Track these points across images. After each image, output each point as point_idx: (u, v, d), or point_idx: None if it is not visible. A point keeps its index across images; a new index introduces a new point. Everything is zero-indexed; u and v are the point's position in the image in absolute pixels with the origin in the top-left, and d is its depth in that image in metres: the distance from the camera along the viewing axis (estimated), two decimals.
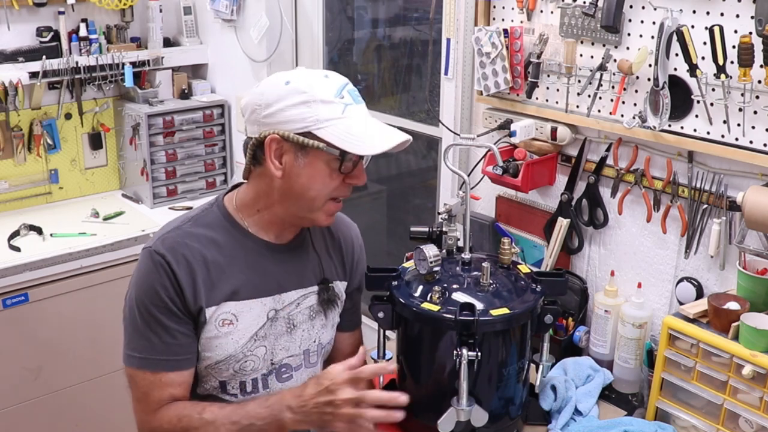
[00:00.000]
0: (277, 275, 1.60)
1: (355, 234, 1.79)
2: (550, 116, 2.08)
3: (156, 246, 1.51)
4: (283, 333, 1.62)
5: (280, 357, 1.63)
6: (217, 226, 1.57)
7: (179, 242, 1.52)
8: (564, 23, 1.99)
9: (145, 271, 1.52)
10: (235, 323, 1.55)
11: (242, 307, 1.56)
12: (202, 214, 1.60)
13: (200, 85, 3.38)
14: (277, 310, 1.61)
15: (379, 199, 3.41)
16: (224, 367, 1.57)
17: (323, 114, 1.46)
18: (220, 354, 1.55)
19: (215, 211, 1.60)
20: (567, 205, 2.10)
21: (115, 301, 2.82)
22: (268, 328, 1.60)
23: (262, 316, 1.59)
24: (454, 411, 1.52)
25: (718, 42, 1.65)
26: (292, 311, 1.63)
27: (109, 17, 3.17)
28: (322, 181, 1.50)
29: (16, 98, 2.87)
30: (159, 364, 1.52)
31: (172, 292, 1.49)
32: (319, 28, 3.17)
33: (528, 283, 1.67)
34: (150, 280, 1.50)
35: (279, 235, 1.61)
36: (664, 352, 1.72)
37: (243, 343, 1.57)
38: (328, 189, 1.51)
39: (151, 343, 1.51)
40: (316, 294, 1.66)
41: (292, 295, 1.63)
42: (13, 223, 2.88)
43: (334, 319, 1.72)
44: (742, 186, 1.74)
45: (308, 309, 1.65)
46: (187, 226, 1.56)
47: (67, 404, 2.82)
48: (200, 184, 3.36)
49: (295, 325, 1.64)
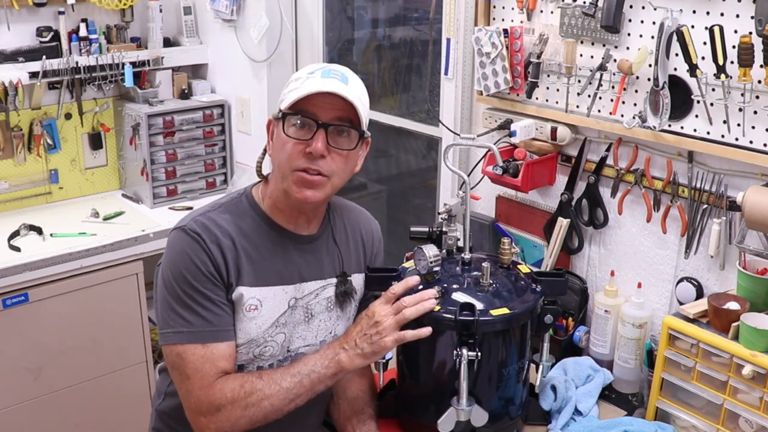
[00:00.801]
0: (299, 265, 1.63)
1: (375, 228, 1.82)
2: (550, 116, 2.08)
3: (189, 224, 1.55)
4: (301, 322, 1.64)
5: (296, 345, 1.64)
6: (244, 214, 1.61)
7: (210, 224, 1.55)
8: (564, 23, 1.99)
9: (180, 248, 1.53)
10: (260, 308, 1.58)
11: (266, 293, 1.59)
12: (231, 203, 1.63)
13: (200, 85, 3.38)
14: (297, 299, 1.63)
15: (379, 199, 3.41)
16: (244, 351, 1.59)
17: (290, 87, 1.53)
18: (242, 337, 1.57)
19: (243, 200, 1.63)
20: (567, 205, 2.10)
21: (115, 301, 2.86)
22: (288, 315, 1.62)
23: (284, 303, 1.61)
24: (454, 411, 1.52)
25: (718, 42, 1.65)
26: (310, 301, 1.65)
27: (109, 17, 3.17)
28: (282, 148, 1.53)
29: (16, 98, 2.87)
30: (209, 335, 1.52)
31: (210, 264, 1.52)
32: (319, 28, 3.17)
33: (528, 283, 1.67)
34: (187, 255, 1.52)
35: (299, 224, 1.64)
36: (664, 352, 1.72)
37: (265, 328, 1.58)
38: (288, 157, 1.51)
39: (198, 315, 1.51)
40: (335, 286, 1.68)
41: (312, 286, 1.65)
42: (13, 223, 2.87)
43: (351, 313, 1.73)
44: (742, 186, 1.74)
45: (326, 300, 1.67)
46: (216, 212, 1.59)
47: (67, 404, 2.82)
48: (200, 184, 3.36)
49: (312, 315, 1.65)
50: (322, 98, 1.49)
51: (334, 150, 1.52)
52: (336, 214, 1.73)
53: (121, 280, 2.85)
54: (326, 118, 1.50)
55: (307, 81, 1.51)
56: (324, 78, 1.51)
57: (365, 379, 1.77)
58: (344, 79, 1.52)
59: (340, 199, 1.79)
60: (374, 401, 1.73)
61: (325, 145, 1.50)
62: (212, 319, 1.52)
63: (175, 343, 1.52)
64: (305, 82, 1.51)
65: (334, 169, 1.54)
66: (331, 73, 1.52)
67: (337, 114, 1.51)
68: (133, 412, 2.94)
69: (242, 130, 3.33)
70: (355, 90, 1.52)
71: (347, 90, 1.50)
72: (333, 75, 1.52)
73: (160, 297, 1.56)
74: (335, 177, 1.55)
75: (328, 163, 1.52)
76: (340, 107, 1.50)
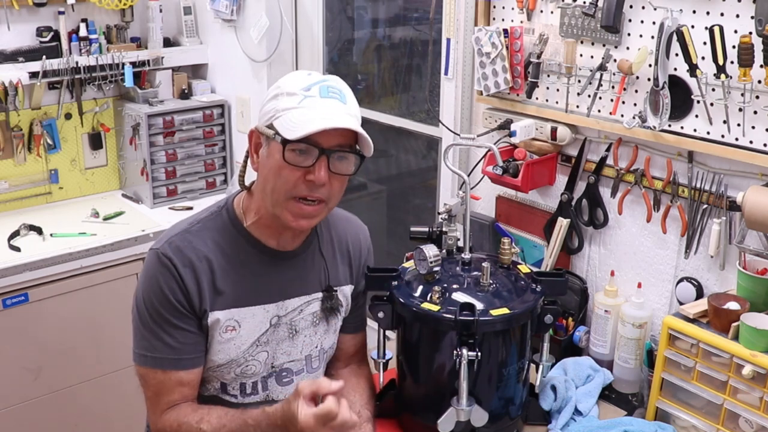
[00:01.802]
0: (280, 282, 1.60)
1: (363, 236, 1.77)
2: (550, 116, 2.07)
3: (163, 248, 1.52)
4: (285, 338, 1.63)
5: (281, 361, 1.63)
6: (224, 231, 1.57)
7: (186, 245, 1.52)
8: (564, 23, 1.99)
9: (152, 273, 1.53)
10: (238, 329, 1.56)
11: (245, 313, 1.57)
12: (211, 218, 1.59)
13: (200, 85, 3.38)
14: (280, 317, 1.61)
15: (379, 199, 3.41)
16: (226, 370, 1.58)
17: (282, 104, 1.45)
18: (222, 358, 1.57)
19: (224, 215, 1.59)
20: (567, 205, 2.10)
21: (115, 301, 2.86)
22: (270, 334, 1.60)
23: (265, 322, 1.59)
24: (454, 411, 1.52)
25: (718, 42, 1.65)
26: (294, 317, 1.63)
27: (109, 17, 3.16)
28: (278, 173, 1.46)
29: (16, 98, 2.86)
30: (169, 363, 1.53)
31: (179, 293, 1.50)
32: (319, 28, 3.17)
33: (528, 283, 1.67)
34: (157, 281, 1.51)
35: (282, 241, 1.60)
36: (664, 352, 1.72)
37: (245, 348, 1.57)
38: (285, 183, 1.46)
39: (162, 342, 1.52)
40: (320, 301, 1.66)
41: (296, 302, 1.63)
42: (13, 223, 2.87)
43: (337, 325, 1.72)
44: (742, 186, 1.74)
45: (311, 315, 1.65)
46: (195, 228, 1.56)
47: (67, 404, 2.82)
48: (200, 184, 3.36)
49: (297, 331, 1.64)
50: None
51: (333, 176, 1.48)
52: (323, 225, 1.68)
53: (121, 280, 2.85)
54: (328, 145, 1.45)
55: (306, 101, 1.44)
56: (324, 98, 1.45)
57: (363, 380, 1.76)
58: (342, 97, 1.47)
59: None
60: (372, 403, 1.72)
61: (327, 173, 1.46)
62: (176, 346, 1.52)
63: (138, 364, 1.56)
64: (304, 102, 1.44)
65: (332, 194, 1.51)
66: (330, 92, 1.46)
67: (339, 141, 1.46)
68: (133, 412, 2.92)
69: (242, 130, 3.33)
70: (353, 109, 1.48)
71: (348, 112, 1.46)
72: (332, 94, 1.46)
73: (133, 316, 1.57)
74: (332, 201, 1.53)
75: (327, 189, 1.48)
76: (342, 133, 1.45)
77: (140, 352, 1.55)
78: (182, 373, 1.54)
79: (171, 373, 1.53)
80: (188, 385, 1.55)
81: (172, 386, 1.53)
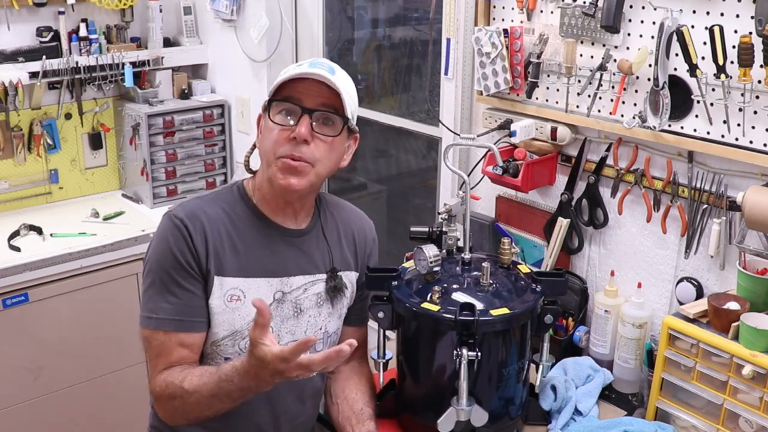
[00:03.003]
0: (285, 259, 1.64)
1: (369, 227, 1.82)
2: (550, 116, 2.07)
3: (176, 210, 1.58)
4: (290, 317, 1.65)
5: (285, 341, 1.64)
6: (235, 204, 1.63)
7: (198, 210, 1.58)
8: (564, 23, 1.99)
9: (162, 233, 1.57)
10: (243, 299, 1.59)
11: (250, 284, 1.60)
12: (222, 192, 1.66)
13: (200, 85, 3.38)
14: (285, 293, 1.64)
15: (379, 199, 3.41)
16: (229, 344, 1.60)
17: (278, 79, 1.55)
18: (226, 329, 1.59)
19: (235, 191, 1.66)
20: (567, 205, 2.10)
21: (115, 301, 2.86)
22: (274, 308, 1.62)
23: (269, 295, 1.62)
24: (454, 411, 1.52)
25: (718, 42, 1.65)
26: (299, 296, 1.65)
27: (109, 17, 3.17)
28: (267, 136, 1.56)
29: (16, 98, 2.87)
30: (172, 323, 1.55)
31: (188, 253, 1.54)
32: (319, 28, 3.17)
33: (528, 283, 1.67)
34: (167, 241, 1.55)
35: (286, 216, 1.65)
36: (664, 352, 1.72)
37: (249, 320, 1.58)
38: (273, 144, 1.54)
39: (167, 302, 1.55)
40: (324, 282, 1.68)
41: (299, 280, 1.65)
42: (13, 223, 2.87)
43: (342, 310, 1.74)
44: (742, 186, 1.74)
45: (315, 296, 1.67)
46: (207, 200, 1.63)
47: (67, 404, 2.82)
48: (200, 184, 3.35)
49: (302, 310, 1.66)
50: (308, 86, 1.52)
51: (317, 137, 1.54)
52: (326, 209, 1.74)
53: (121, 280, 2.85)
54: (311, 104, 1.53)
55: (295, 70, 1.54)
56: (311, 68, 1.54)
57: (364, 379, 1.77)
58: (331, 70, 1.56)
59: (331, 196, 1.81)
60: (373, 401, 1.73)
61: (309, 131, 1.52)
62: (179, 308, 1.55)
63: (143, 327, 1.58)
64: (293, 71, 1.54)
65: (317, 156, 1.55)
66: (318, 65, 1.56)
67: (322, 101, 1.54)
68: (133, 412, 2.93)
69: (242, 130, 3.33)
70: (341, 80, 1.55)
71: (332, 78, 1.52)
72: (320, 66, 1.55)
73: (144, 277, 1.61)
74: (319, 165, 1.56)
75: (312, 149, 1.54)
76: (325, 95, 1.54)
77: (145, 315, 1.57)
78: (183, 335, 1.56)
79: (172, 335, 1.55)
80: (189, 347, 1.57)
81: (172, 348, 1.56)
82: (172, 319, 1.55)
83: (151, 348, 1.58)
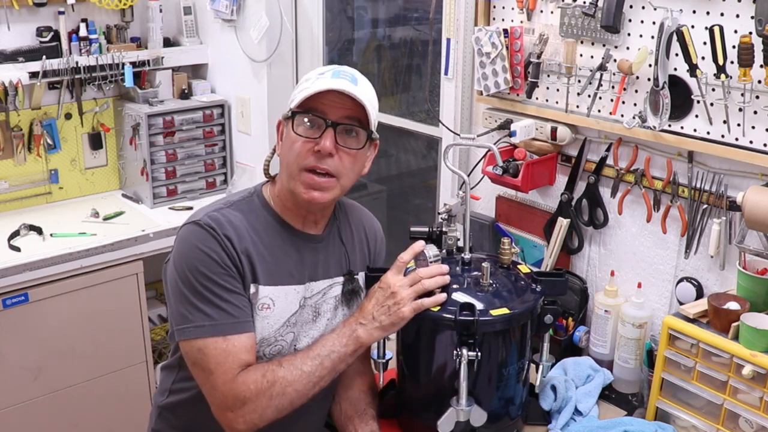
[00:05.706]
0: (308, 264, 1.63)
1: (378, 227, 1.83)
2: (550, 116, 2.08)
3: (203, 219, 1.53)
4: (309, 321, 1.65)
5: (303, 344, 1.64)
6: (256, 213, 1.60)
7: (222, 218, 1.54)
8: (564, 23, 1.99)
9: (194, 242, 1.51)
10: (272, 308, 1.58)
11: (279, 292, 1.59)
12: (242, 201, 1.62)
13: (200, 85, 3.38)
14: (306, 298, 1.64)
15: (379, 199, 3.41)
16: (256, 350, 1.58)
17: (299, 88, 1.54)
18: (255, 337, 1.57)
19: (255, 199, 1.63)
20: (567, 205, 2.10)
21: (115, 301, 2.86)
22: (298, 315, 1.62)
23: (295, 303, 1.61)
24: (453, 411, 1.52)
25: (718, 42, 1.65)
26: (318, 300, 1.65)
27: (109, 17, 3.17)
28: (291, 147, 1.53)
29: (16, 98, 2.87)
30: (230, 327, 1.50)
31: (225, 256, 1.51)
32: (319, 28, 3.17)
33: (528, 283, 1.67)
34: (200, 249, 1.50)
35: (306, 224, 1.64)
36: (664, 352, 1.72)
37: (276, 328, 1.59)
38: (297, 156, 1.52)
39: (218, 308, 1.50)
40: (341, 285, 1.68)
41: (320, 285, 1.65)
42: (13, 223, 2.87)
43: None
44: (742, 186, 1.74)
45: (333, 299, 1.68)
46: (228, 210, 1.58)
47: (67, 404, 2.82)
48: (200, 184, 3.36)
49: (319, 314, 1.66)
50: (332, 97, 1.50)
51: (342, 149, 1.53)
52: (341, 213, 1.74)
53: (121, 280, 2.85)
54: (335, 117, 1.51)
55: (317, 81, 1.52)
56: (334, 78, 1.52)
57: (366, 379, 1.77)
58: (354, 80, 1.53)
59: (344, 198, 1.80)
60: (376, 401, 1.73)
61: (334, 144, 1.51)
62: (232, 311, 1.51)
63: (195, 337, 1.50)
64: (315, 82, 1.52)
65: (341, 169, 1.54)
66: (341, 74, 1.53)
67: (346, 113, 1.52)
68: (133, 412, 2.94)
69: (242, 130, 3.33)
70: (364, 91, 1.53)
71: (356, 90, 1.51)
72: (343, 75, 1.53)
73: (176, 293, 1.53)
74: (343, 178, 1.55)
75: (336, 162, 1.52)
76: (350, 107, 1.51)
77: (196, 324, 1.49)
78: (243, 336, 1.51)
79: (232, 338, 1.50)
80: (248, 351, 1.52)
81: (237, 351, 1.50)
82: (228, 323, 1.50)
83: (209, 358, 1.49)
